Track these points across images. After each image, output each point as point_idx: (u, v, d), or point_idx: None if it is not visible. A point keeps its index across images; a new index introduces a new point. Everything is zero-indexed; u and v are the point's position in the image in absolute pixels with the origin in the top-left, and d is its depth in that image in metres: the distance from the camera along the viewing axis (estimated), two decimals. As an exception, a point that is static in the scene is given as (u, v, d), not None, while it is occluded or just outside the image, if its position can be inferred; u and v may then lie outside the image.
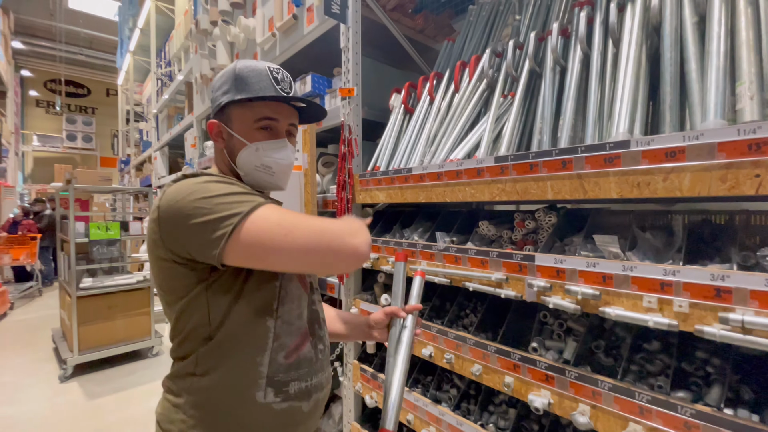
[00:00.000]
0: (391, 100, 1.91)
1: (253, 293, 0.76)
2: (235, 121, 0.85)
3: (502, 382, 1.18)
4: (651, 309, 0.89)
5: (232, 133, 0.85)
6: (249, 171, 0.86)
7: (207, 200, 0.69)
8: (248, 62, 0.86)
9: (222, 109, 0.85)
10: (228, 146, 0.86)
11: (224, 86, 0.84)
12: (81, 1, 9.36)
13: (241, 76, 0.83)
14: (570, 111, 1.21)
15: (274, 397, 0.77)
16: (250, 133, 0.84)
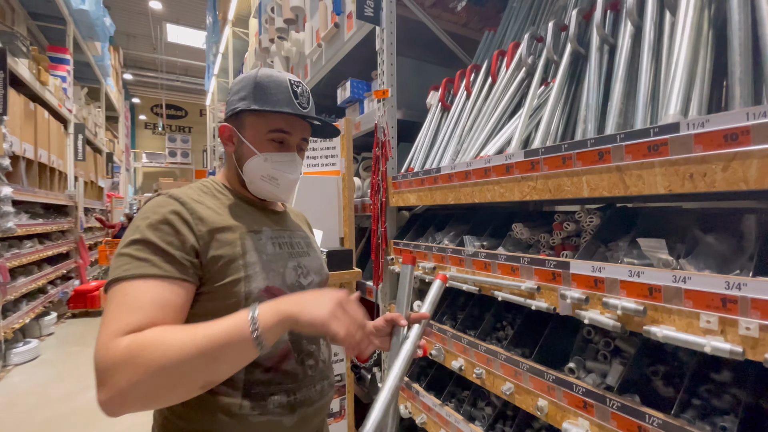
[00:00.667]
0: (429, 98, 1.84)
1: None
2: (248, 128, 0.84)
3: (534, 405, 1.05)
4: (710, 331, 0.72)
5: (243, 139, 0.84)
6: (254, 179, 0.85)
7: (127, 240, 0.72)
8: (270, 71, 0.85)
9: (237, 115, 0.85)
10: (237, 152, 0.87)
11: (242, 92, 0.84)
12: (178, 35, 10.75)
13: (261, 85, 0.82)
14: (618, 94, 1.05)
15: (250, 410, 0.75)
16: (262, 143, 0.84)
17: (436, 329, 1.44)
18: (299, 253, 0.90)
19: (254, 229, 0.83)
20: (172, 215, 0.73)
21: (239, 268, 0.76)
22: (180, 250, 0.71)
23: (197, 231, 0.74)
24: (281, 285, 0.82)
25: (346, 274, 1.74)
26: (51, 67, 4.68)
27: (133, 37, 10.54)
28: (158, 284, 0.67)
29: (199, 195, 0.81)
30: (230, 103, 0.86)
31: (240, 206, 0.86)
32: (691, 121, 0.74)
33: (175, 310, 0.68)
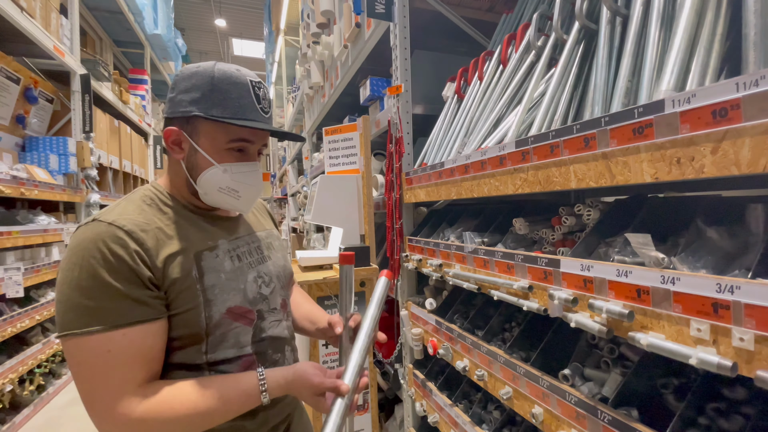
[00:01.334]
0: (445, 90, 1.79)
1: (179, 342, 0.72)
2: (203, 136, 0.75)
3: (530, 411, 0.98)
4: (701, 340, 0.62)
5: (197, 148, 0.75)
6: (210, 192, 0.77)
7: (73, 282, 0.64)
8: (228, 69, 0.75)
9: (188, 118, 0.74)
10: (189, 160, 0.76)
11: (194, 92, 0.73)
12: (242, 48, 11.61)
13: (220, 89, 0.73)
14: (625, 71, 0.93)
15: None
16: (219, 153, 0.75)
17: (445, 328, 1.40)
18: (258, 260, 0.86)
19: (209, 246, 0.77)
20: (121, 249, 0.65)
21: (197, 294, 0.72)
22: (142, 288, 0.66)
23: (151, 264, 0.68)
24: (242, 302, 0.78)
25: (362, 270, 1.76)
26: (131, 87, 5.35)
27: (205, 53, 11.59)
28: (136, 332, 0.65)
29: (141, 214, 0.72)
30: (177, 102, 0.74)
31: (190, 219, 0.78)
32: (677, 97, 0.64)
33: (159, 351, 0.70)
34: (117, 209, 0.72)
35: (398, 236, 1.71)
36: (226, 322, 0.75)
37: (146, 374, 0.67)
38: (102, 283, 0.63)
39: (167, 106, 0.77)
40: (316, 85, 3.36)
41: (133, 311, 0.65)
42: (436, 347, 1.45)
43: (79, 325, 0.62)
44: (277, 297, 0.89)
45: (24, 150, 3.40)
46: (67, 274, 0.64)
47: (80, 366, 0.63)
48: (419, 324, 1.61)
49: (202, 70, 0.74)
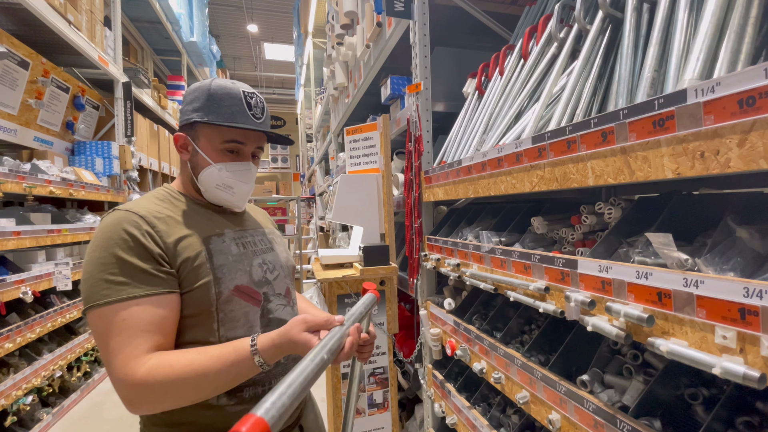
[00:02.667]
0: (466, 87, 1.75)
1: (192, 320, 0.78)
2: (202, 139, 0.85)
3: (547, 417, 0.95)
4: (727, 348, 0.57)
5: (197, 149, 0.86)
6: (209, 188, 0.87)
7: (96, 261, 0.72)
8: (224, 83, 0.86)
9: (191, 125, 0.86)
10: (192, 161, 0.88)
11: (195, 103, 0.85)
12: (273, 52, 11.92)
13: (215, 97, 0.84)
14: (651, 61, 0.88)
15: (227, 401, 0.81)
16: (216, 153, 0.86)
17: (463, 329, 1.38)
18: (262, 250, 0.93)
19: (216, 233, 0.85)
20: (135, 230, 0.74)
21: (207, 271, 0.79)
22: (154, 262, 0.74)
23: (162, 243, 0.76)
24: (249, 282, 0.85)
25: (381, 269, 1.77)
26: (169, 92, 5.63)
27: (238, 58, 12.00)
28: (149, 303, 0.71)
29: (155, 205, 0.82)
30: (184, 112, 0.87)
31: (198, 211, 0.87)
32: (700, 86, 0.59)
33: (173, 322, 0.76)
34: (133, 203, 0.82)
35: (417, 235, 1.70)
36: (234, 299, 0.82)
37: (156, 343, 0.72)
38: (119, 260, 0.72)
39: (179, 119, 0.89)
40: (341, 85, 3.40)
41: (146, 284, 0.72)
42: (454, 348, 1.43)
43: (99, 297, 0.70)
44: (281, 283, 0.94)
45: (73, 154, 3.66)
46: (91, 255, 0.73)
47: (100, 334, 0.71)
48: (438, 324, 1.59)
49: (202, 85, 0.87)
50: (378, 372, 1.89)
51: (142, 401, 0.69)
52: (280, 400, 0.51)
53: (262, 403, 0.49)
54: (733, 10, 0.69)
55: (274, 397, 0.51)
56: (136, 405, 0.70)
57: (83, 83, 3.69)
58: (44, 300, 2.96)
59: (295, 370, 0.57)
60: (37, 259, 2.82)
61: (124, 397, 0.69)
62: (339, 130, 4.08)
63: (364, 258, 1.77)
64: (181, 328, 0.78)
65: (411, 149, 1.73)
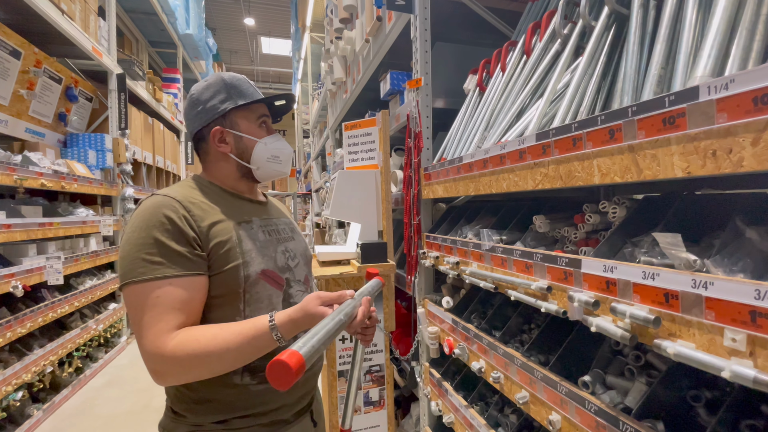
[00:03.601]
0: (466, 83, 1.74)
1: (220, 300, 0.83)
2: (241, 122, 0.93)
3: (547, 418, 0.94)
4: (736, 351, 0.56)
5: (241, 135, 0.93)
6: (262, 164, 0.95)
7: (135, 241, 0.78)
8: (229, 73, 0.95)
9: (223, 116, 0.92)
10: (237, 148, 0.94)
11: (219, 95, 0.91)
12: (270, 46, 11.81)
13: (234, 85, 0.93)
14: (658, 58, 0.87)
15: (250, 380, 0.85)
16: (255, 131, 0.95)
17: (461, 327, 1.37)
18: (285, 238, 0.99)
19: (245, 220, 0.91)
20: (173, 213, 0.80)
21: (237, 255, 0.84)
22: (188, 246, 0.79)
23: (197, 227, 0.81)
24: (274, 267, 0.91)
25: (380, 266, 1.75)
26: (165, 86, 5.55)
27: (235, 52, 11.88)
28: (181, 283, 0.77)
29: (190, 192, 0.88)
30: (209, 109, 0.91)
31: (228, 200, 0.93)
32: (713, 83, 0.58)
33: (200, 302, 0.81)
34: (169, 189, 0.87)
35: (416, 233, 1.68)
36: (261, 282, 0.87)
37: (184, 320, 0.77)
38: (156, 241, 0.77)
39: (197, 120, 0.92)
40: (339, 80, 3.36)
41: (179, 265, 0.77)
42: (452, 346, 1.42)
43: (136, 275, 0.75)
44: (301, 271, 0.99)
45: (65, 146, 3.60)
46: (130, 235, 0.79)
47: (134, 309, 0.75)
48: (436, 322, 1.58)
49: (213, 80, 0.93)
50: (374, 370, 1.88)
51: (169, 372, 0.74)
52: (310, 342, 0.63)
53: (295, 343, 0.62)
54: (745, 7, 0.67)
55: (304, 338, 0.63)
56: (163, 376, 0.74)
57: (76, 74, 3.62)
58: (35, 294, 2.91)
59: (317, 325, 0.68)
60: (27, 252, 2.77)
61: (152, 368, 0.74)
62: (336, 126, 4.04)
63: (362, 255, 1.75)
64: (209, 306, 0.82)
65: (411, 145, 1.71)
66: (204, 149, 0.95)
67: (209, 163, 0.96)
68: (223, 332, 0.75)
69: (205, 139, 0.93)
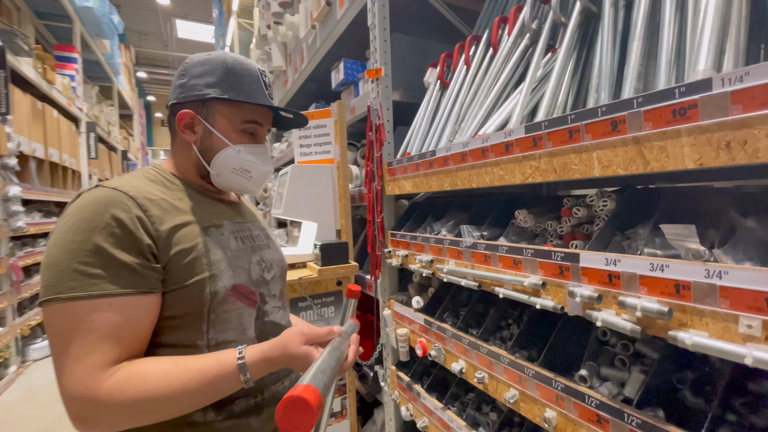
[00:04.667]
0: (426, 76, 1.69)
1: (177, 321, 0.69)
2: (218, 118, 0.78)
3: (541, 416, 0.92)
4: (751, 337, 0.57)
5: (212, 130, 0.78)
6: (224, 172, 0.80)
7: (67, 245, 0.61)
8: (239, 57, 0.80)
9: (203, 102, 0.77)
10: (203, 143, 0.79)
11: (208, 77, 0.77)
12: (187, 30, 10.75)
13: (234, 73, 0.78)
14: (636, 54, 0.89)
15: (215, 416, 0.72)
16: (234, 134, 0.79)
17: (436, 328, 1.32)
18: (260, 246, 0.87)
19: (214, 224, 0.78)
20: (123, 214, 0.64)
21: (203, 267, 0.71)
22: (140, 256, 0.64)
23: (154, 231, 0.66)
24: (247, 282, 0.78)
25: (341, 268, 1.64)
26: (58, 66, 4.71)
27: (145, 34, 10.60)
28: (124, 304, 0.62)
29: (147, 186, 0.72)
30: (191, 86, 0.77)
31: (194, 198, 0.78)
32: (727, 75, 0.59)
33: (148, 328, 0.66)
34: (120, 180, 0.70)
35: (380, 231, 1.60)
36: (230, 300, 0.74)
37: (125, 352, 0.62)
38: (97, 248, 0.61)
39: (176, 92, 0.78)
40: (278, 69, 3.13)
41: (123, 280, 0.62)
42: (426, 348, 1.36)
43: (64, 290, 0.59)
44: (276, 284, 0.88)
45: None
46: (60, 237, 0.61)
47: (58, 334, 0.59)
48: (404, 324, 1.51)
49: (214, 57, 0.78)
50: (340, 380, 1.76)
51: (102, 420, 0.59)
52: (317, 376, 0.55)
53: (305, 376, 0.55)
54: (732, 7, 0.71)
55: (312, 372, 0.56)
56: (91, 424, 0.59)
57: (-67, 43, 2.87)
58: None
59: (316, 362, 0.60)
60: None
61: (77, 414, 0.58)
62: (273, 119, 3.78)
63: (322, 256, 1.62)
64: (162, 328, 0.68)
65: (372, 139, 1.62)
66: (172, 128, 0.81)
67: (175, 149, 0.82)
68: (179, 369, 0.62)
69: (173, 117, 0.79)
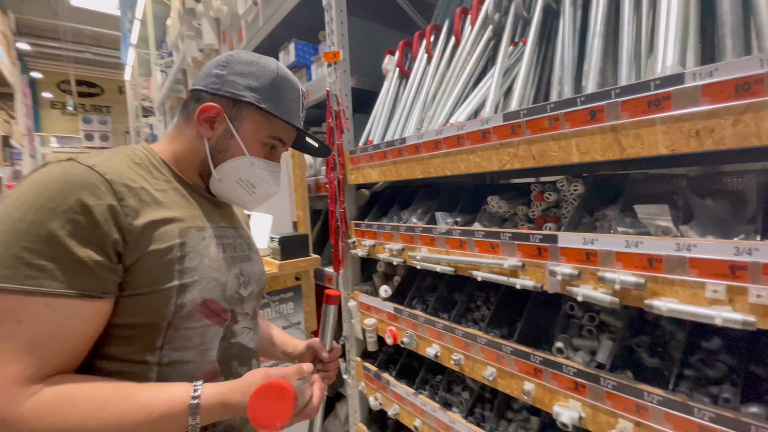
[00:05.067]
0: (384, 63, 1.67)
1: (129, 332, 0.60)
2: (246, 124, 0.73)
3: (521, 389, 0.98)
4: (717, 300, 0.66)
5: (234, 133, 0.72)
6: (228, 180, 0.74)
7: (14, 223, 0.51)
8: (288, 73, 0.77)
9: (236, 102, 0.72)
10: (218, 143, 0.73)
11: (252, 80, 0.72)
12: (83, -2, 9.28)
13: (280, 87, 0.74)
14: (597, 51, 0.96)
15: None
16: (254, 144, 0.75)
17: (407, 315, 1.33)
18: (241, 257, 0.78)
19: (197, 225, 0.68)
20: (93, 200, 0.54)
21: (173, 274, 0.62)
22: (99, 253, 0.54)
23: (126, 225, 0.57)
24: (220, 298, 0.69)
25: (302, 261, 1.56)
26: None
27: None
28: (66, 307, 0.52)
29: (129, 168, 0.63)
30: (229, 82, 0.72)
31: (180, 191, 0.70)
32: (698, 71, 0.66)
33: (85, 340, 0.56)
34: (100, 157, 0.61)
35: (343, 221, 1.56)
36: (196, 316, 0.64)
37: (55, 366, 0.53)
38: (50, 236, 0.51)
39: (208, 80, 0.73)
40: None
41: (72, 279, 0.52)
42: (396, 336, 1.37)
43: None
44: (251, 302, 0.80)
45: None
46: (8, 211, 0.51)
47: None
48: (372, 314, 1.50)
49: (265, 62, 0.75)
50: (296, 376, 1.69)
51: None
52: None
53: None
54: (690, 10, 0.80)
55: None
56: None
57: None
58: None
59: None
60: None
61: None
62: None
63: (282, 250, 1.53)
64: (108, 338, 0.58)
65: (332, 126, 1.55)
66: (188, 113, 0.73)
67: (178, 136, 0.74)
68: (119, 400, 0.53)
69: (196, 104, 0.72)
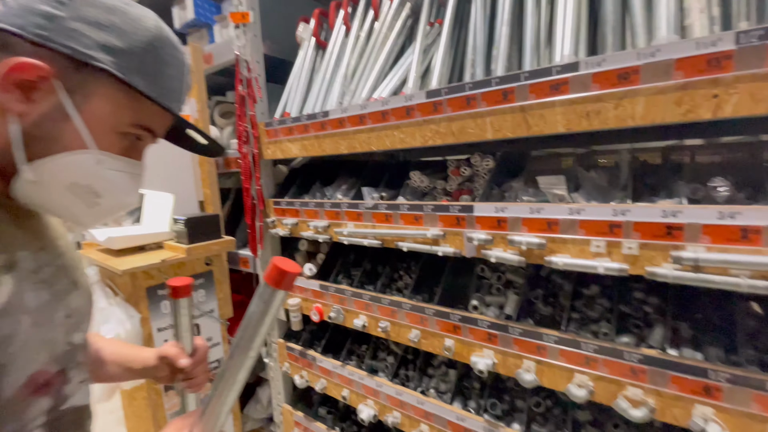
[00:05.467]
0: (299, 31, 1.58)
1: None
2: (95, 102, 0.49)
3: (442, 346, 1.08)
4: (599, 254, 0.81)
5: (71, 113, 0.47)
6: (53, 184, 0.49)
7: None
8: (171, 37, 0.54)
9: (81, 65, 0.46)
10: (38, 125, 0.47)
11: (113, 36, 0.47)
12: None
13: (158, 53, 0.51)
14: (505, 38, 1.05)
15: None
16: (106, 133, 0.51)
17: (333, 290, 1.33)
18: (67, 287, 0.56)
19: (6, 263, 0.47)
20: None
21: None
22: None
23: None
24: (50, 360, 0.51)
25: (214, 244, 1.44)
26: None
27: None
28: None
29: None
30: (70, 31, 0.46)
31: None
32: (590, 60, 0.77)
33: None
34: None
35: (260, 199, 1.47)
36: (18, 399, 0.47)
37: None
38: None
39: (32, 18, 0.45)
40: None
41: None
42: (322, 313, 1.37)
43: None
44: (83, 347, 0.61)
45: None
46: None
47: None
48: (295, 293, 1.47)
49: (137, 14, 0.51)
50: (213, 367, 1.59)
51: None
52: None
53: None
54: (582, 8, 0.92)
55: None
56: None
57: None
58: None
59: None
60: None
61: None
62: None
63: (189, 233, 1.39)
64: None
65: (243, 94, 1.43)
66: None
67: None
68: None
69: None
